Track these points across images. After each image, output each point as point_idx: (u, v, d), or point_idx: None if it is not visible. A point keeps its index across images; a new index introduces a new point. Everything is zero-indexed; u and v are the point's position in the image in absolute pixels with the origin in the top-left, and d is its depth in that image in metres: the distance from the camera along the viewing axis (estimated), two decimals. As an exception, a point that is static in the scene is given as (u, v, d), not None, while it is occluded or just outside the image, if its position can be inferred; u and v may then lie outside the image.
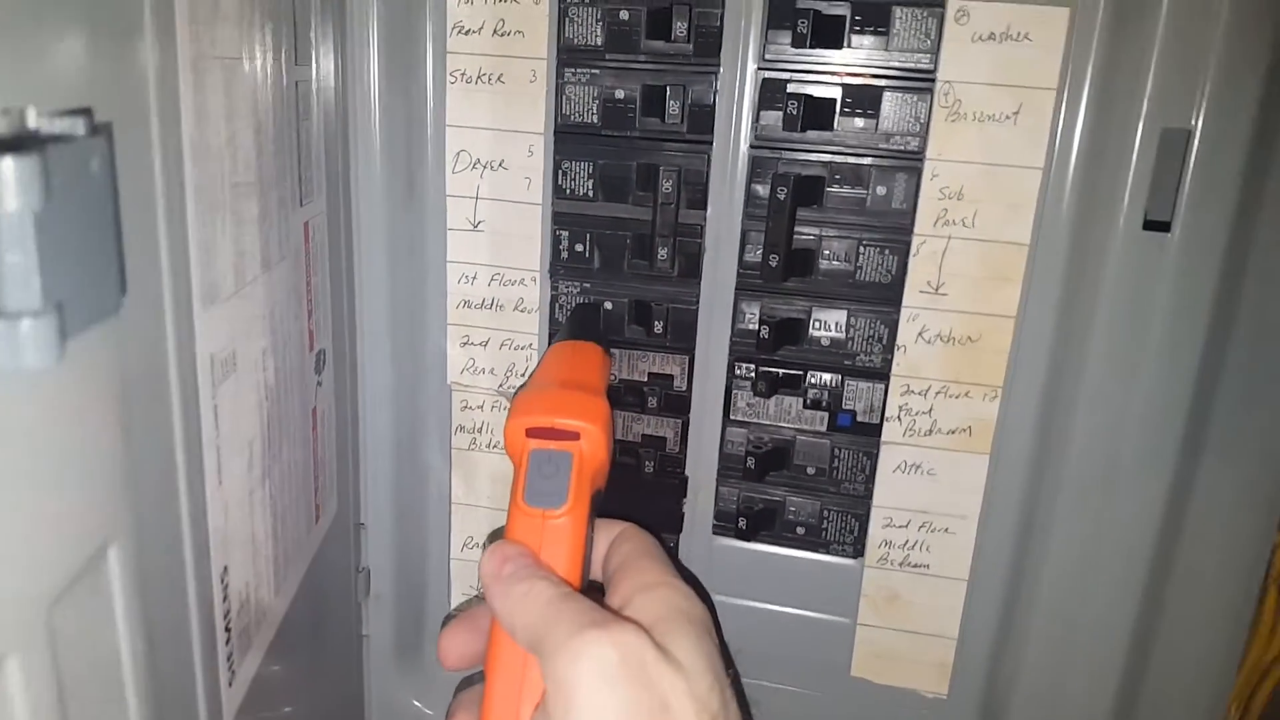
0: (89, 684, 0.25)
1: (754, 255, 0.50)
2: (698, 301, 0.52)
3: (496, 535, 0.35)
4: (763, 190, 0.49)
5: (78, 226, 0.20)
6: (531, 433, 0.35)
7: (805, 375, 0.52)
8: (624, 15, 0.48)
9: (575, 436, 0.35)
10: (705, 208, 0.50)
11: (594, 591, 0.36)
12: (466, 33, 0.50)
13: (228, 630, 0.34)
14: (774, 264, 0.49)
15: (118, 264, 0.23)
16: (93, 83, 0.23)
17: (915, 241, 0.49)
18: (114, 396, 0.24)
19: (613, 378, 0.43)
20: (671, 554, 0.56)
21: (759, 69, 0.48)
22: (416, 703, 0.62)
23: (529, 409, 0.36)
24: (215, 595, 0.33)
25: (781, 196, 0.48)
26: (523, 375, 0.56)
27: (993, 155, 0.47)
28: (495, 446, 0.57)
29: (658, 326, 0.52)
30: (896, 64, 0.47)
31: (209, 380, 0.31)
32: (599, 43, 0.49)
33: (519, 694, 0.32)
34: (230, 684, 0.35)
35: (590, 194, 0.51)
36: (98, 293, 0.22)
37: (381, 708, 0.62)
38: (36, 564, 0.22)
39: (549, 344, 0.54)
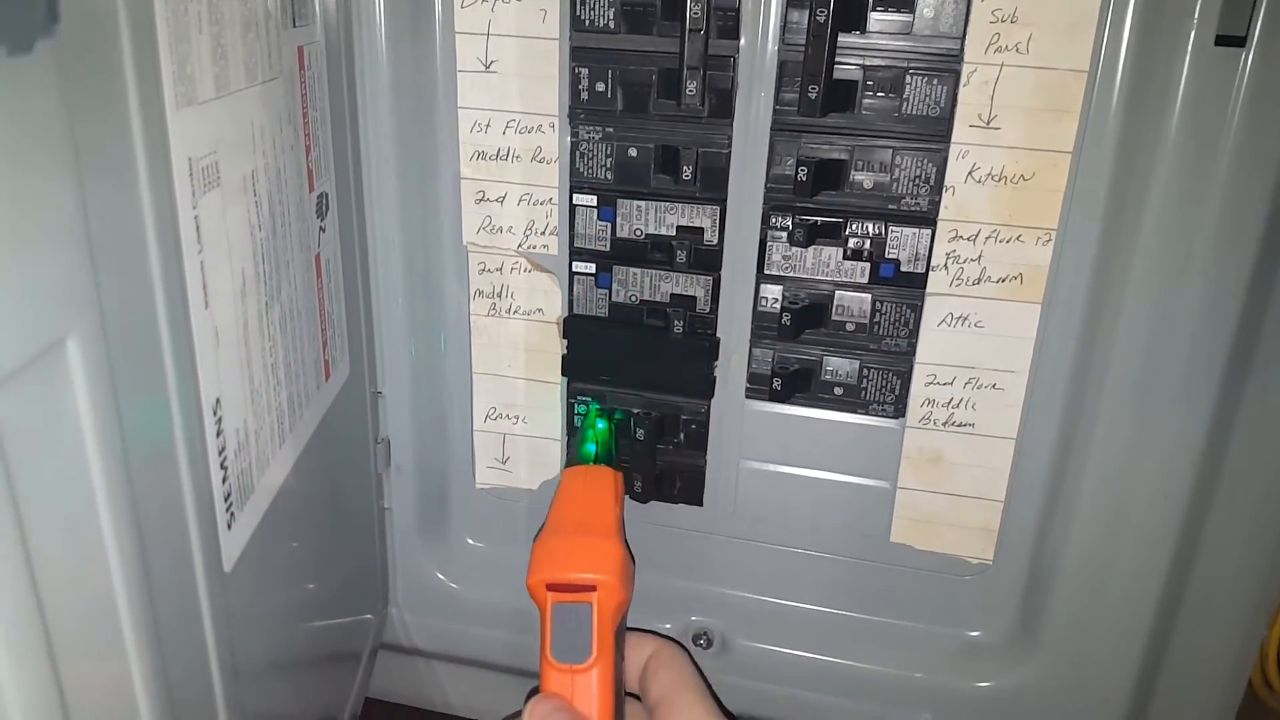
0: (54, 494, 0.22)
1: (791, 89, 0.46)
2: (730, 144, 0.48)
3: (534, 690, 0.38)
4: (800, 15, 0.45)
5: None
6: (551, 587, 0.38)
7: (846, 223, 0.49)
8: None
9: (592, 589, 0.38)
10: (738, 37, 0.46)
11: (632, 702, 0.41)
12: None
13: (224, 468, 0.32)
14: (813, 96, 0.45)
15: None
16: None
17: (965, 70, 0.45)
18: (58, 159, 0.22)
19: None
20: (704, 423, 0.54)
21: (795, -121, 0.44)
22: (440, 575, 0.60)
23: (548, 564, 0.39)
24: (207, 426, 0.30)
25: (821, 19, 0.44)
26: (543, 233, 0.53)
27: (1050, -28, 0.43)
28: (516, 312, 0.55)
29: (686, 173, 0.49)
30: None
31: (188, 186, 0.28)
32: None
33: None
34: (230, 527, 0.32)
35: (612, 25, 0.47)
36: (18, 8, 0.19)
37: (406, 581, 0.60)
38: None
39: (570, 198, 0.51)
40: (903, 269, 0.49)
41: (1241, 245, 0.44)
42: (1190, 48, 0.42)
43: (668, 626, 0.58)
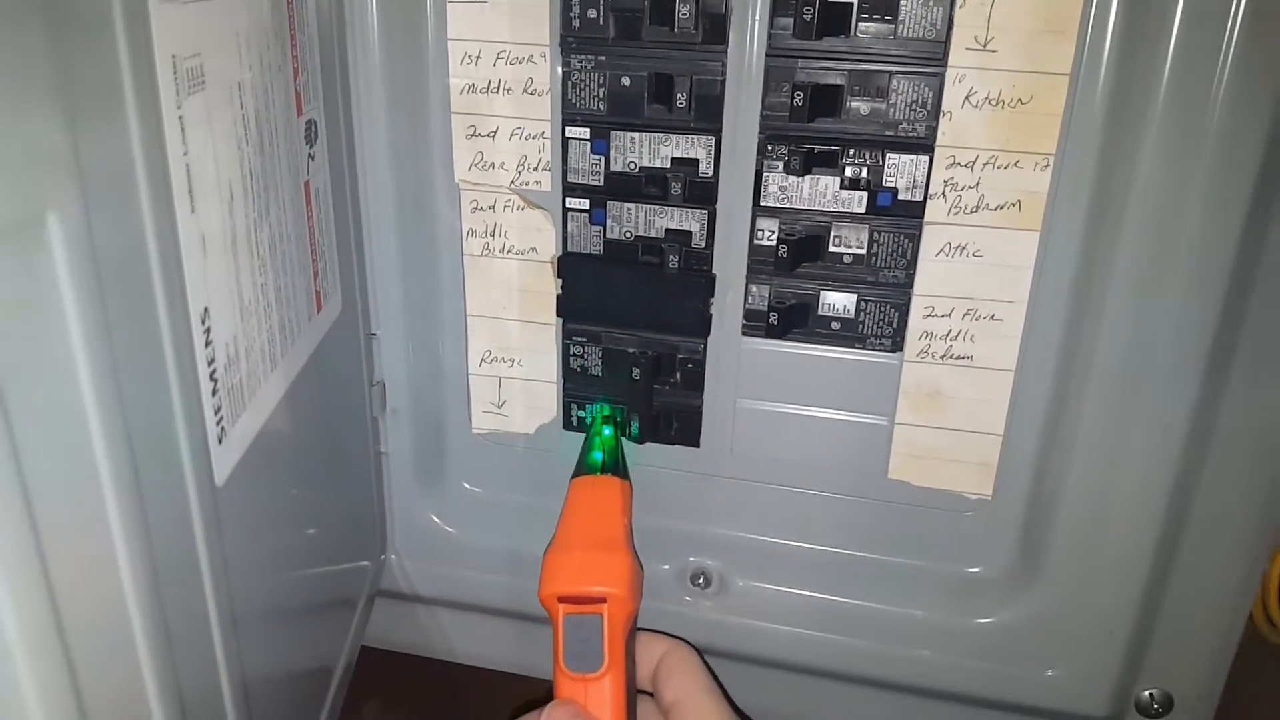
0: (35, 376, 0.22)
1: (786, 13, 0.46)
2: (724, 72, 0.47)
3: (548, 696, 0.39)
4: (793, -65, 0.44)
5: None
6: (563, 599, 0.40)
7: (842, 152, 0.48)
8: None
9: (603, 600, 0.39)
10: (730, -40, 0.45)
11: (644, 699, 0.43)
12: None
13: (213, 380, 0.31)
14: (808, 18, 0.44)
15: None
16: None
17: (963, -10, 0.44)
18: (38, 45, 0.21)
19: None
20: (700, 361, 0.53)
21: None
22: (435, 518, 0.60)
23: (559, 577, 0.40)
24: (195, 335, 0.30)
25: (814, -60, 0.43)
26: (535, 169, 0.52)
27: (1049, -112, 0.42)
28: (510, 251, 0.54)
29: (680, 101, 0.48)
30: None
31: (171, 84, 0.28)
32: None
33: None
34: (220, 441, 0.32)
35: (602, -50, 0.46)
36: None
37: (403, 526, 0.60)
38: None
39: (563, 131, 0.50)
40: (900, 197, 0.48)
41: (1241, 164, 0.43)
42: (1193, -41, 0.41)
43: (666, 568, 0.58)
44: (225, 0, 0.32)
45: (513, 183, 0.53)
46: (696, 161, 0.49)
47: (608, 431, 0.52)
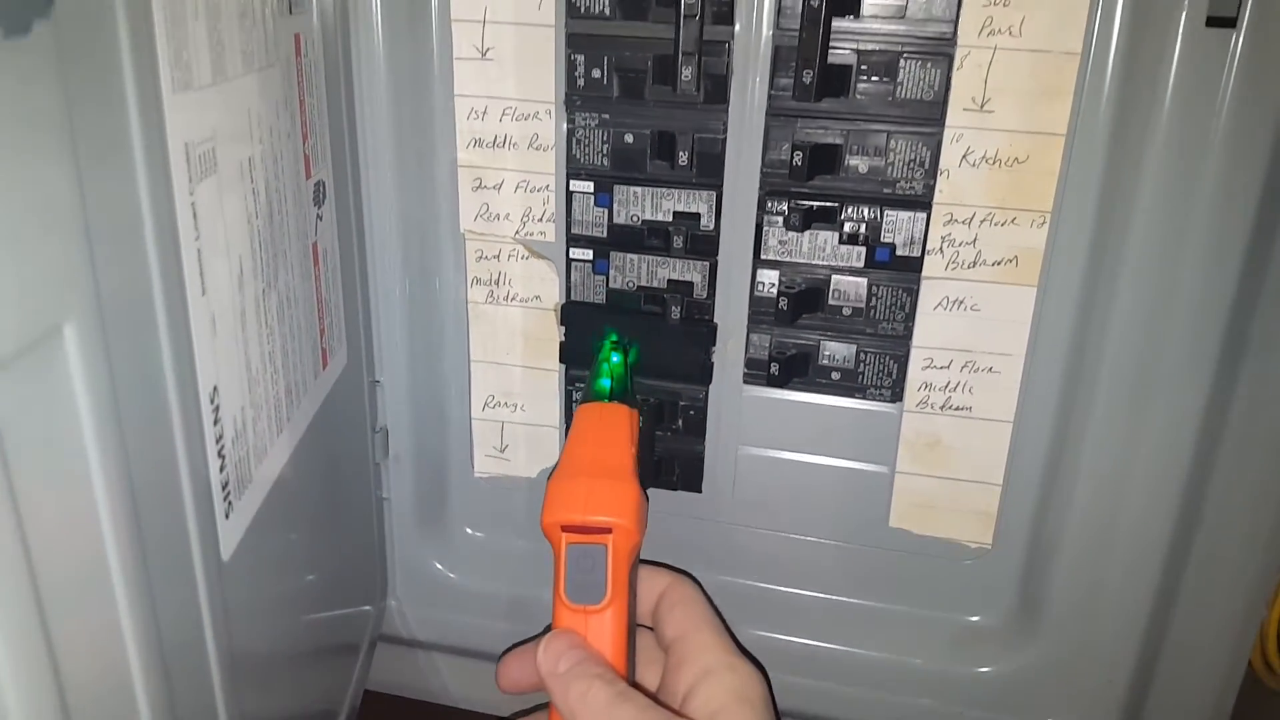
0: (50, 481, 0.22)
1: (786, 75, 0.46)
2: (725, 130, 0.48)
3: (547, 628, 0.38)
4: (794, 0, 0.45)
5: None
6: (566, 529, 0.38)
7: (841, 207, 0.49)
8: None
9: (607, 531, 0.37)
10: (732, 23, 0.46)
11: (643, 632, 0.41)
12: None
13: (221, 457, 0.32)
14: (808, 82, 0.45)
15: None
16: None
17: (959, 54, 0.45)
18: (55, 143, 0.22)
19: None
20: (702, 409, 0.54)
21: None
22: (438, 565, 0.60)
23: (562, 505, 0.38)
24: (204, 415, 0.30)
25: (815, 5, 0.44)
26: (540, 220, 0.53)
27: (1043, -45, 0.43)
28: (514, 299, 0.55)
29: (682, 159, 0.49)
30: None
31: (184, 173, 0.28)
32: None
33: None
34: (228, 516, 0.33)
35: (607, 12, 0.47)
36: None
37: (404, 571, 0.60)
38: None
39: (567, 185, 0.51)
40: (898, 253, 0.49)
41: (1235, 225, 0.44)
42: (1181, 29, 0.42)
43: (667, 613, 0.58)
44: (238, 81, 0.33)
45: (517, 233, 0.53)
46: (698, 215, 0.50)
47: (616, 359, 0.49)
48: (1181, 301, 0.46)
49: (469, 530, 0.61)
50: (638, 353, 0.52)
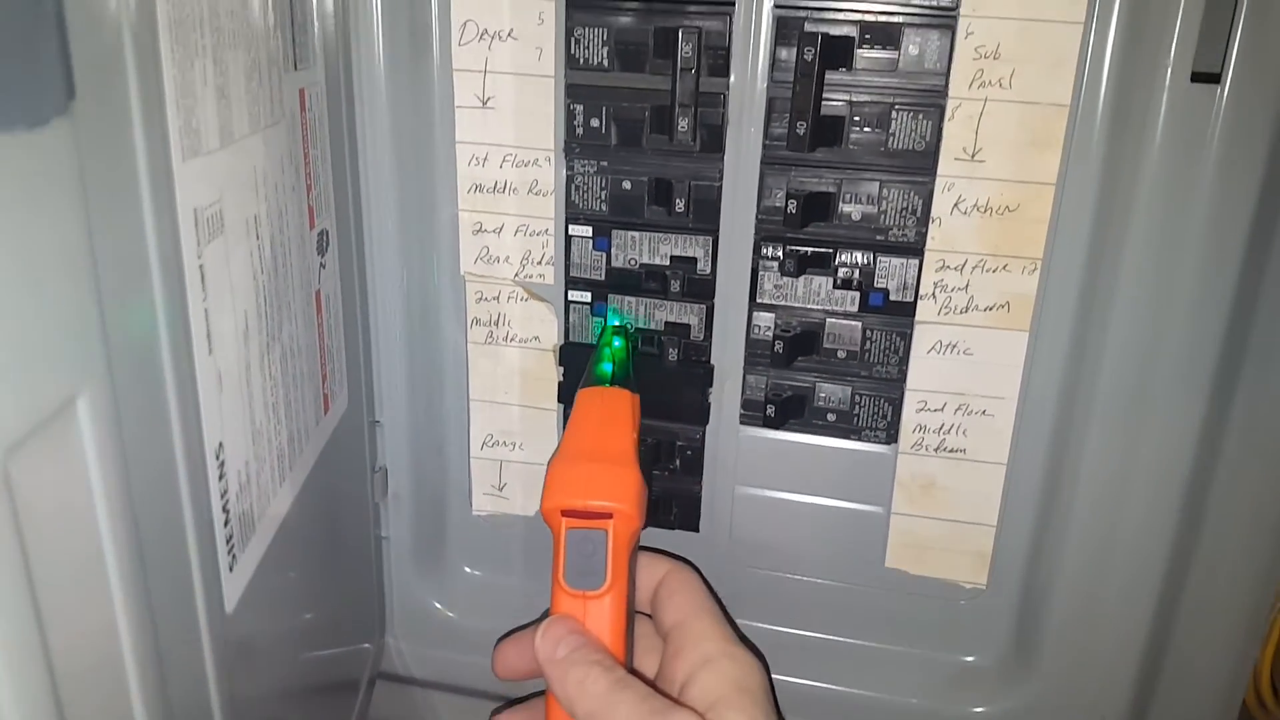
0: (63, 551, 0.23)
1: (780, 125, 0.47)
2: (721, 177, 0.49)
3: (545, 614, 0.38)
4: (788, 53, 0.46)
5: (6, 8, 0.18)
6: (566, 513, 0.37)
7: (835, 253, 0.49)
8: None
9: (608, 516, 0.37)
10: (728, 75, 0.47)
11: (641, 619, 0.41)
12: (469, -107, 0.47)
13: (225, 511, 0.32)
14: (801, 132, 0.46)
15: (61, 60, 0.21)
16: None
17: (950, 105, 0.46)
18: (73, 226, 0.22)
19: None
20: (699, 449, 0.54)
21: (782, -80, 0.45)
22: (437, 604, 0.61)
23: (563, 489, 0.38)
24: (210, 472, 0.31)
25: (808, 58, 0.45)
26: (539, 263, 0.53)
27: (1031, 10, 0.44)
28: (513, 340, 0.55)
29: (679, 205, 0.49)
30: (931, -91, 0.43)
31: (193, 237, 0.29)
32: (610, -103, 0.46)
33: None
34: (231, 569, 0.33)
35: (605, 64, 0.48)
36: (34, 88, 0.20)
37: (402, 610, 0.61)
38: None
39: (566, 229, 0.52)
40: (891, 298, 0.50)
41: (1222, 274, 0.45)
42: (1168, 84, 0.43)
43: (665, 651, 0.58)
44: (245, 141, 0.33)
45: (517, 275, 0.54)
46: (695, 260, 0.51)
47: (618, 343, 0.50)
48: (1170, 347, 0.47)
49: (467, 569, 0.61)
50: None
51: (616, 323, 0.52)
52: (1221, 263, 0.45)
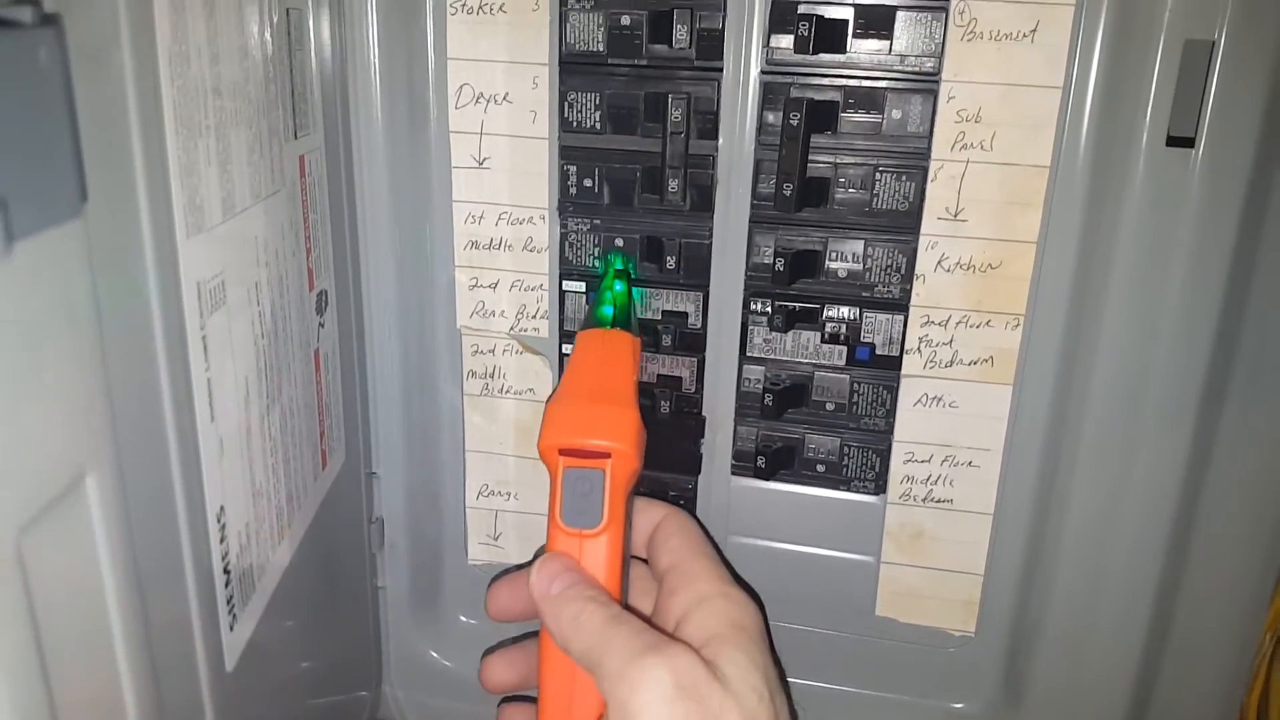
0: (70, 620, 0.24)
1: (767, 186, 0.49)
2: (711, 235, 0.50)
3: (540, 550, 0.38)
4: (775, 118, 0.47)
5: (24, 120, 0.19)
6: (564, 452, 0.37)
7: (822, 309, 0.51)
8: (626, -61, 0.46)
9: (606, 455, 0.37)
10: (716, 138, 0.48)
11: (637, 564, 0.41)
12: (466, -38, 0.49)
13: (226, 573, 0.33)
14: (788, 193, 0.47)
15: (74, 166, 0.22)
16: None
17: (933, 166, 0.47)
18: (84, 314, 0.23)
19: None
20: (691, 499, 0.55)
21: (768, -10, 0.46)
22: (434, 653, 0.61)
23: (561, 428, 0.38)
24: (211, 536, 0.32)
25: (794, 122, 0.46)
26: (534, 317, 0.55)
27: (1010, 75, 0.46)
28: (508, 391, 0.56)
29: (670, 262, 0.51)
30: (910, -20, 0.45)
31: (196, 311, 0.30)
32: (602, -32, 0.47)
33: (570, 699, 0.36)
34: (232, 629, 0.34)
35: (598, 126, 0.49)
36: (52, 194, 0.21)
37: (399, 659, 0.61)
38: (2, 487, 0.21)
39: (560, 285, 0.53)
40: (878, 352, 0.51)
41: (1199, 328, 0.46)
42: (1144, 147, 0.45)
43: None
44: (246, 213, 0.35)
45: (512, 329, 0.55)
46: (686, 314, 0.52)
47: (620, 287, 0.49)
48: (1151, 401, 0.48)
49: (463, 618, 0.62)
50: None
51: (619, 267, 0.52)
52: (1198, 318, 0.46)
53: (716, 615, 0.36)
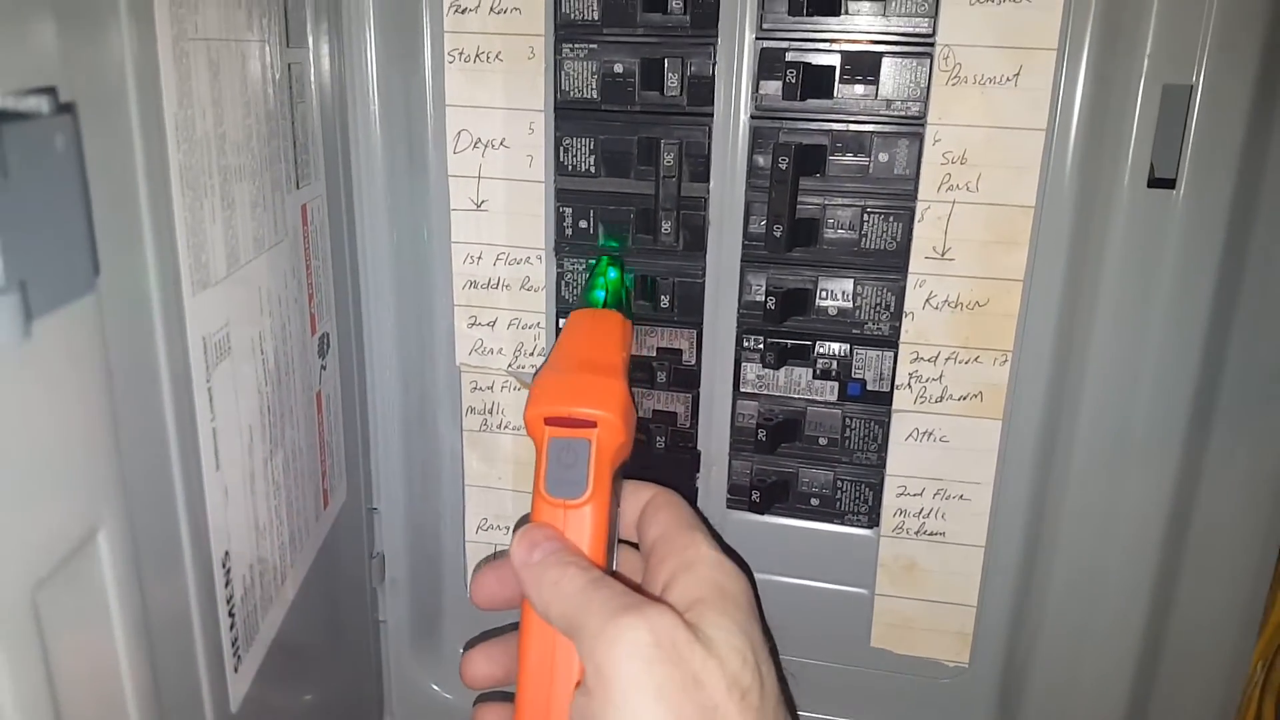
0: (82, 671, 0.25)
1: (758, 226, 0.50)
2: (704, 275, 0.51)
3: (524, 520, 0.37)
4: (764, 161, 0.48)
5: (42, 205, 0.20)
6: (550, 421, 0.36)
7: (814, 345, 0.52)
8: (619, -12, 0.48)
9: (592, 425, 0.36)
10: (708, 180, 0.49)
11: (626, 549, 0.40)
12: (463, 11, 0.50)
13: (231, 616, 0.34)
14: (778, 234, 0.48)
15: (88, 243, 0.23)
16: (64, 65, 0.23)
17: (920, 207, 0.48)
18: (96, 378, 0.24)
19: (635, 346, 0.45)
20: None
21: (757, 38, 0.47)
22: (435, 686, 0.62)
23: (547, 398, 0.37)
24: (216, 580, 0.33)
25: (783, 166, 0.47)
26: (531, 354, 0.56)
27: (995, 118, 0.47)
28: (507, 427, 0.57)
29: (664, 301, 0.52)
30: (895, 29, 0.46)
31: (202, 363, 0.31)
32: (596, 17, 0.48)
33: (551, 670, 0.35)
34: (236, 670, 0.35)
35: (592, 170, 0.50)
36: (67, 272, 0.22)
37: (401, 693, 0.62)
38: (19, 546, 0.22)
39: (557, 323, 0.54)
40: (869, 387, 0.52)
41: (1183, 364, 0.47)
42: (1126, 188, 0.46)
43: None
44: (250, 265, 0.36)
45: (510, 366, 0.56)
46: (680, 351, 0.53)
47: (613, 274, 0.49)
48: (1137, 433, 0.49)
49: (463, 651, 0.62)
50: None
51: (614, 245, 0.52)
52: (1181, 352, 0.47)
53: (702, 580, 0.34)
